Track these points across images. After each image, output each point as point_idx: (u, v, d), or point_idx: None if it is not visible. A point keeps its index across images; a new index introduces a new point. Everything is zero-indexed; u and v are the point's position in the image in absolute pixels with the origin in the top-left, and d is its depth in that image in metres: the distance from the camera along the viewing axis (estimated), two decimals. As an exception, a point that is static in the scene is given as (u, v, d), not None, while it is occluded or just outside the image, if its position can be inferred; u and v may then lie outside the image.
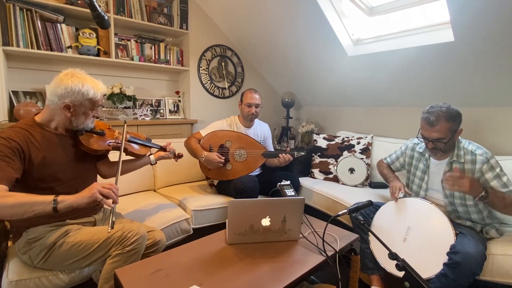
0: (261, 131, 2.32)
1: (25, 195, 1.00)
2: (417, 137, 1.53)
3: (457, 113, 1.41)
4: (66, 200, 1.02)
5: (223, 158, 1.95)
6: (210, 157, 1.92)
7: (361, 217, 1.21)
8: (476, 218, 1.44)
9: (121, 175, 1.31)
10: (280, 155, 1.99)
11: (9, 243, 1.33)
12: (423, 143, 1.57)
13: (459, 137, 1.49)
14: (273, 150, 2.41)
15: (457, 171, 1.35)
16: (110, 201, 1.10)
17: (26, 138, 1.12)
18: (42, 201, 0.99)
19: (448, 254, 1.27)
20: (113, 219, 1.08)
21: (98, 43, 2.25)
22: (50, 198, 1.01)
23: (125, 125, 1.47)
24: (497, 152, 1.48)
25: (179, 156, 1.71)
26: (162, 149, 1.65)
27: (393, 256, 0.94)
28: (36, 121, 1.20)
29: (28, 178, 1.11)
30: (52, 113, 1.20)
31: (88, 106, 1.22)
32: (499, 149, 1.81)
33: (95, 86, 1.22)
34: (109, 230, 1.08)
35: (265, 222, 1.20)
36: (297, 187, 2.22)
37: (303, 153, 2.00)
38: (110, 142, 1.38)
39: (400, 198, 1.58)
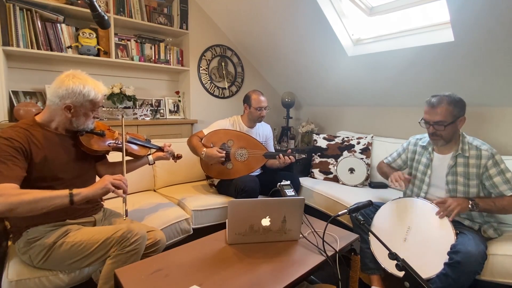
0: (263, 131, 2.32)
1: (40, 191, 1.03)
2: (419, 123, 1.55)
3: (460, 99, 1.44)
4: (82, 193, 1.07)
5: (224, 152, 1.95)
6: (210, 152, 1.92)
7: (361, 217, 1.21)
8: (476, 216, 1.45)
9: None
10: (281, 156, 1.99)
11: (9, 243, 1.33)
12: (426, 138, 1.60)
13: (464, 133, 1.50)
14: (273, 150, 2.41)
15: (439, 202, 1.43)
16: (121, 191, 1.15)
17: (28, 138, 1.12)
18: (58, 195, 1.04)
19: (448, 253, 1.27)
20: (126, 208, 1.16)
21: (98, 43, 2.25)
22: (65, 192, 1.05)
23: (123, 119, 1.49)
24: (499, 152, 1.48)
25: (178, 157, 1.71)
26: (160, 149, 1.65)
27: (393, 256, 0.93)
28: (36, 121, 1.20)
29: (29, 177, 1.11)
30: (52, 114, 1.20)
31: (88, 107, 1.22)
32: (499, 149, 1.79)
33: (96, 87, 1.22)
34: (124, 218, 1.15)
35: (265, 222, 1.19)
36: (297, 187, 2.22)
37: (304, 156, 2.00)
38: (110, 143, 1.38)
39: (400, 198, 1.58)
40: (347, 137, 2.50)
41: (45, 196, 1.02)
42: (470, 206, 1.36)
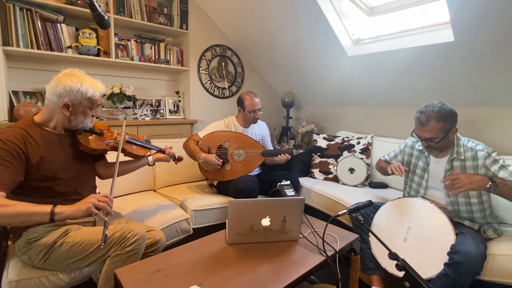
0: (259, 130, 2.32)
1: (24, 205, 1.01)
2: (412, 135, 1.55)
3: (450, 112, 1.40)
4: (63, 213, 1.05)
5: (221, 160, 1.94)
6: (208, 159, 1.92)
7: (361, 217, 1.21)
8: (478, 217, 1.44)
9: (118, 176, 1.32)
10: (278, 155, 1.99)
11: (9, 243, 1.33)
12: (417, 140, 1.58)
13: (458, 135, 1.49)
14: (272, 148, 2.41)
15: (452, 174, 1.37)
16: (105, 213, 1.12)
17: (24, 138, 1.12)
18: (40, 211, 1.03)
19: (448, 254, 1.27)
20: (106, 233, 1.10)
21: (98, 43, 2.25)
22: (47, 209, 1.03)
23: (124, 121, 1.49)
24: (498, 152, 1.48)
25: (179, 159, 1.71)
26: (161, 151, 1.65)
27: (393, 256, 0.93)
28: (35, 121, 1.20)
29: (27, 177, 1.11)
30: (51, 113, 1.20)
31: (87, 105, 1.22)
32: (499, 149, 1.79)
33: (94, 85, 1.22)
34: (102, 245, 1.10)
35: (265, 222, 1.19)
36: (297, 187, 2.22)
37: (302, 151, 2.00)
38: (109, 142, 1.38)
39: (400, 198, 1.58)
40: (347, 137, 2.50)
41: (26, 211, 1.01)
42: (488, 186, 1.29)
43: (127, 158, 1.52)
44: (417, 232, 1.42)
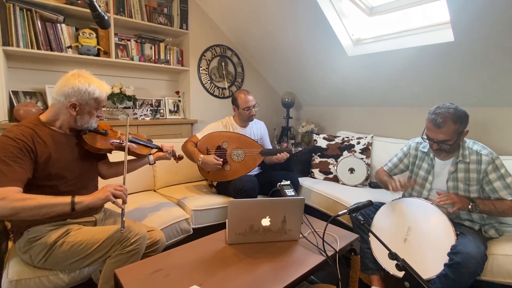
0: (257, 129, 2.31)
1: (44, 197, 1.04)
2: (422, 137, 1.52)
3: (464, 114, 1.40)
4: (83, 202, 1.09)
5: (221, 160, 1.94)
6: (207, 159, 1.91)
7: (361, 217, 1.21)
8: (477, 218, 1.44)
9: (120, 176, 1.32)
10: (277, 154, 1.99)
11: (10, 243, 1.33)
12: (427, 142, 1.55)
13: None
14: (271, 147, 2.41)
15: (439, 194, 1.41)
16: (120, 201, 1.16)
17: (32, 137, 1.13)
18: (61, 202, 1.06)
19: (449, 254, 1.27)
20: (124, 219, 1.16)
21: (98, 43, 2.25)
22: (67, 199, 1.06)
23: (128, 119, 1.51)
24: (496, 152, 1.48)
25: (180, 157, 1.72)
26: (160, 149, 1.66)
27: (393, 256, 0.93)
28: (41, 120, 1.21)
29: (34, 175, 1.12)
30: (57, 112, 1.22)
31: (93, 106, 1.24)
32: (500, 149, 1.80)
33: (101, 86, 1.25)
34: (122, 230, 1.15)
35: (265, 222, 1.20)
36: (296, 187, 2.22)
37: (300, 149, 2.00)
38: (113, 142, 1.40)
39: (401, 198, 1.58)
40: (347, 137, 2.50)
41: (48, 203, 1.03)
42: (469, 207, 1.36)
43: (130, 157, 1.53)
44: (417, 233, 1.42)
